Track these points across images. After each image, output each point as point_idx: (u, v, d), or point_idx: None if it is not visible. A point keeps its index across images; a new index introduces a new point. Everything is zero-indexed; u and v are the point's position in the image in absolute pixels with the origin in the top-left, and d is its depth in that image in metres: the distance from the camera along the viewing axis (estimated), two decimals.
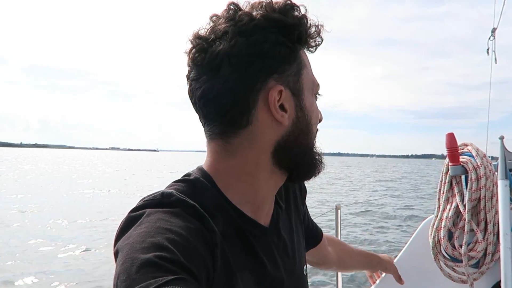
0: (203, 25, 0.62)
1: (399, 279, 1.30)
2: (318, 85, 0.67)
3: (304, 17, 0.62)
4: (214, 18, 0.62)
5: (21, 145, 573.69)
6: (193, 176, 0.62)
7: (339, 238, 1.90)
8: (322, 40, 0.64)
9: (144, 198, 0.56)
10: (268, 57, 0.58)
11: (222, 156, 0.62)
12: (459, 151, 1.32)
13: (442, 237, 1.30)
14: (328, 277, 6.15)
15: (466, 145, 1.34)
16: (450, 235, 1.31)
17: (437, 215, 1.35)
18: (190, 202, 0.55)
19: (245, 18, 0.58)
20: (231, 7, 0.61)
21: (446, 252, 1.32)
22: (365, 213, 11.57)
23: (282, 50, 0.59)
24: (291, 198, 0.78)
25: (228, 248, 0.56)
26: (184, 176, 0.63)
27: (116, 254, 0.49)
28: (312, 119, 0.65)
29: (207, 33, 0.60)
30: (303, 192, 0.83)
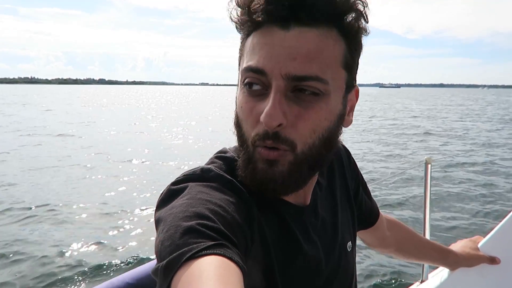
0: None
1: (492, 261, 1.15)
2: (246, 69, 0.54)
3: None
4: None
5: (126, 83, 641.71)
6: (229, 154, 0.63)
7: (428, 197, 1.80)
8: (274, 14, 0.51)
9: (184, 172, 0.59)
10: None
11: None
12: None
13: None
14: None
15: None
16: None
17: None
18: (228, 177, 0.57)
19: None
20: None
21: None
22: (461, 166, 9.07)
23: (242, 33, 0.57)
24: (336, 174, 0.77)
25: (265, 223, 0.58)
26: (221, 153, 0.65)
27: (157, 222, 0.52)
28: (238, 111, 0.58)
29: None
30: (352, 166, 0.82)
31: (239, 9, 0.54)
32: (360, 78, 0.61)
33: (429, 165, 1.82)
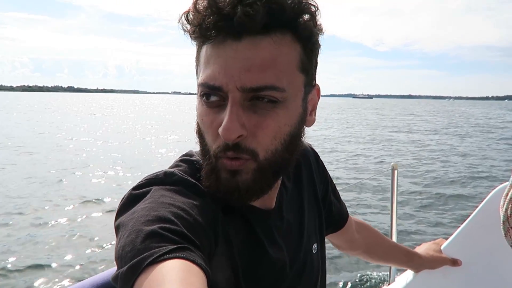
0: None
1: (454, 263, 1.20)
2: (202, 85, 0.54)
3: (197, 8, 0.52)
4: None
5: (96, 91, 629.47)
6: (195, 157, 0.63)
7: (395, 203, 1.88)
8: (218, 31, 0.51)
9: (146, 176, 0.58)
10: None
11: None
12: None
13: None
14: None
15: None
16: None
17: None
18: (192, 181, 0.57)
19: None
20: None
21: None
22: (423, 174, 9.52)
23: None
24: (304, 176, 0.77)
25: (229, 226, 0.58)
26: (187, 156, 0.65)
27: (117, 228, 0.51)
28: (199, 122, 0.58)
29: None
30: (320, 168, 0.83)
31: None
32: (332, 89, 1.46)
33: (396, 171, 1.92)
